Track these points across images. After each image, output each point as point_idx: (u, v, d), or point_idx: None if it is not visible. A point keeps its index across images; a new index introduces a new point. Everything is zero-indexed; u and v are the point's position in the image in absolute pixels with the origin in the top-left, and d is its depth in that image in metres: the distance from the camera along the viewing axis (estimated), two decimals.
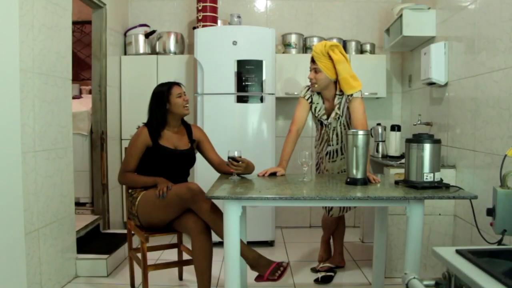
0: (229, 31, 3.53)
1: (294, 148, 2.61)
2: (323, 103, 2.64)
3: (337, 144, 2.66)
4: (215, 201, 2.19)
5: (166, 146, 2.41)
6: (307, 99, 2.64)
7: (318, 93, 2.64)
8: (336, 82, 2.56)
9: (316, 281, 2.78)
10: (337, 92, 2.57)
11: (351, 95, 2.52)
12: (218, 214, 2.20)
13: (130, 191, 2.45)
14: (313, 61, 2.54)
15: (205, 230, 2.22)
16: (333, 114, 2.60)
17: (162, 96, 2.44)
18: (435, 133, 3.03)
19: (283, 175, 2.43)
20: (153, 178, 2.36)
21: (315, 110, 2.66)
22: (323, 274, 2.81)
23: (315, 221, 4.19)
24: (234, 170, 2.30)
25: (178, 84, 2.51)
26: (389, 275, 2.78)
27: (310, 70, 2.56)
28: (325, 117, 2.64)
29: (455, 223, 2.76)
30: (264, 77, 3.48)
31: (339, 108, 2.58)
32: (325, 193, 1.93)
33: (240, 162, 2.30)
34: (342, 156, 2.67)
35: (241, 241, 2.04)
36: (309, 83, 2.61)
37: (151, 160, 2.41)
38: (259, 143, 3.50)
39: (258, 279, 2.15)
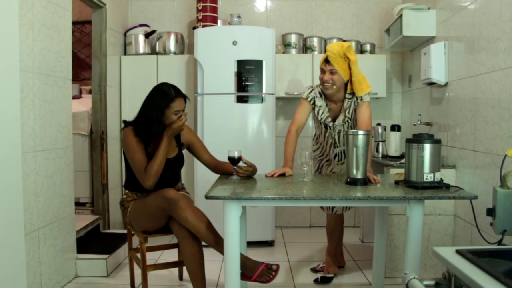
0: (229, 31, 3.53)
1: (295, 147, 2.58)
2: (327, 105, 2.62)
3: (343, 145, 2.65)
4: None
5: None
6: (310, 101, 2.61)
7: (321, 96, 2.60)
8: (347, 84, 2.53)
9: (316, 281, 2.78)
10: (347, 95, 2.55)
11: (361, 98, 2.51)
12: (199, 219, 2.12)
13: (121, 201, 2.42)
14: (327, 62, 2.47)
15: (190, 235, 2.16)
16: (341, 117, 2.57)
17: (160, 103, 2.23)
18: (435, 133, 3.02)
19: (291, 175, 2.41)
20: (162, 141, 2.20)
21: (318, 113, 2.63)
22: (323, 274, 2.81)
23: (315, 221, 4.19)
24: (242, 174, 2.28)
25: (183, 96, 2.29)
26: (389, 275, 2.78)
27: (324, 72, 2.50)
28: (329, 119, 2.62)
29: (455, 223, 2.76)
30: (264, 77, 3.48)
31: (348, 112, 2.56)
32: (325, 193, 1.93)
33: (247, 166, 2.28)
34: None
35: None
36: (311, 84, 2.59)
37: None
38: (259, 143, 3.49)
39: (244, 278, 2.10)
